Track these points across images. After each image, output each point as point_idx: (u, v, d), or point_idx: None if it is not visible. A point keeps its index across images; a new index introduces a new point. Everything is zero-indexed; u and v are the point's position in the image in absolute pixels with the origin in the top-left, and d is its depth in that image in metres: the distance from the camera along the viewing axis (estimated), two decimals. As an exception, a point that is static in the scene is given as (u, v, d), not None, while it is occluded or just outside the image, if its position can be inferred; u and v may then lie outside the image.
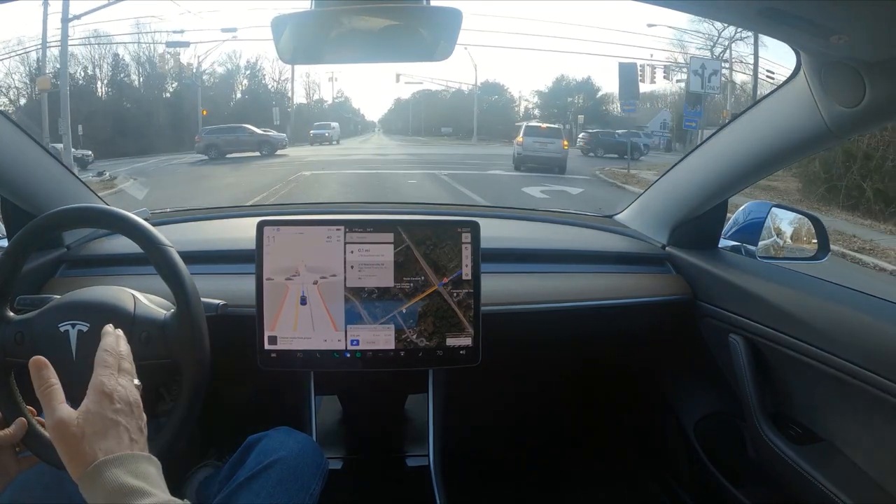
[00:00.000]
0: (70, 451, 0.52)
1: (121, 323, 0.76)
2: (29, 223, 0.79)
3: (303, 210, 1.52)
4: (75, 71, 19.62)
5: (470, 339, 1.01)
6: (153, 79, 22.49)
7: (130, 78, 22.15)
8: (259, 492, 0.79)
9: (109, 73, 21.49)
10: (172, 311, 0.79)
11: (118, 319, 0.76)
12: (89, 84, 20.82)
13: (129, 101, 21.68)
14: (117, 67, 21.47)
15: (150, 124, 20.28)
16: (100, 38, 20.36)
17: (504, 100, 31.11)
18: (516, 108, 30.71)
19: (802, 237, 1.23)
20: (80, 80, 19.99)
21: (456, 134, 28.73)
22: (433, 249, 1.00)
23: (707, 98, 14.62)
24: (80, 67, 20.17)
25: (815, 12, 0.63)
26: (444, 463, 1.09)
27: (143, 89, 22.38)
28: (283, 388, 1.16)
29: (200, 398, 0.77)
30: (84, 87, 20.20)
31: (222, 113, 22.51)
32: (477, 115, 26.82)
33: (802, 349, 0.94)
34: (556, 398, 1.61)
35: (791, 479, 0.95)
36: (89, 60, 20.70)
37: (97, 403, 0.55)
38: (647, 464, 1.51)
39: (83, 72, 20.39)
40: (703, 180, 1.15)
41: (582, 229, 1.46)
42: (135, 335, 0.76)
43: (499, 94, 30.78)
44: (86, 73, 20.66)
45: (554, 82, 29.70)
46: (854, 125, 0.80)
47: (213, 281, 1.07)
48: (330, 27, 0.76)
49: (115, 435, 0.54)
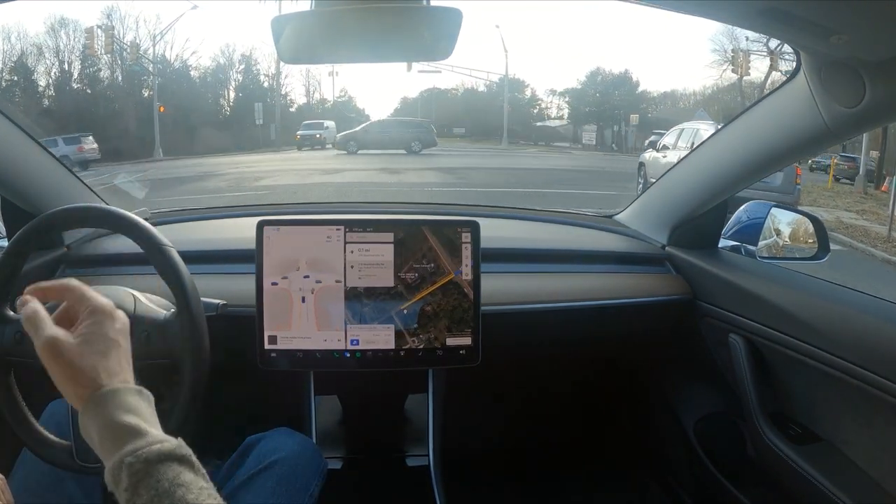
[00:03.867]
0: (67, 372, 0.49)
1: None
2: (29, 223, 0.79)
3: (303, 210, 1.52)
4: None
5: (470, 338, 1.01)
6: (82, 64, 17.66)
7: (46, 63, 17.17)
8: (259, 492, 0.79)
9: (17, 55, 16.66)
10: (172, 311, 0.79)
11: None
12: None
13: (49, 94, 17.00)
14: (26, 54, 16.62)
15: (85, 126, 14.81)
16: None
17: (524, 98, 27.79)
18: (546, 109, 27.72)
19: (802, 237, 1.23)
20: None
21: (471, 135, 26.07)
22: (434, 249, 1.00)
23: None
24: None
25: (815, 12, 0.63)
26: (444, 463, 1.09)
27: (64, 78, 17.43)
28: (282, 388, 1.16)
29: (200, 398, 0.77)
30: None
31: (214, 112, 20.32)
32: (506, 112, 23.14)
33: (802, 349, 0.94)
34: (555, 398, 1.61)
35: (791, 479, 0.95)
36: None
37: (98, 323, 0.52)
38: (647, 464, 1.51)
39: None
40: (703, 180, 1.16)
41: (582, 229, 1.46)
42: (135, 334, 0.76)
43: (518, 91, 27.51)
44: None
45: (588, 76, 26.29)
46: (854, 125, 0.80)
47: (213, 281, 1.07)
48: (330, 27, 0.76)
49: (117, 357, 0.52)
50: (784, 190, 6.86)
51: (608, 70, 26.13)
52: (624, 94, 25.24)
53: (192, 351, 0.76)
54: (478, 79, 29.18)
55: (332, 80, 32.86)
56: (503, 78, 24.88)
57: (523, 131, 24.72)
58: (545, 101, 28.13)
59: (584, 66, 37.76)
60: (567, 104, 27.32)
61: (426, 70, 20.67)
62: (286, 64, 15.44)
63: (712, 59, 22.86)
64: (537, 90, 28.87)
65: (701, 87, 22.78)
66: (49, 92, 18.21)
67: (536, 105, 28.31)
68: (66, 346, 0.50)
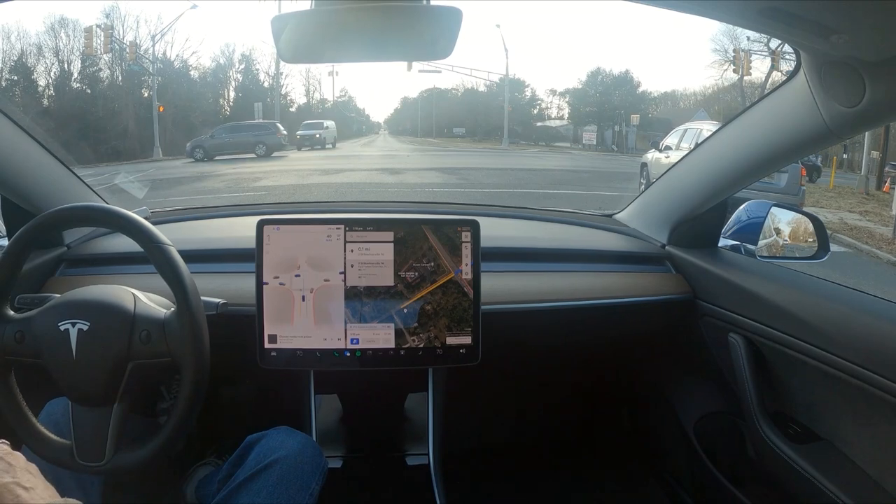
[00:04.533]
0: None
1: (121, 323, 0.76)
2: (30, 221, 0.79)
3: (303, 209, 1.52)
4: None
5: (470, 337, 1.01)
6: (82, 64, 17.49)
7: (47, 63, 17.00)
8: (259, 491, 0.79)
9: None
10: (172, 310, 0.79)
11: (118, 318, 0.77)
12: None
13: (49, 96, 16.77)
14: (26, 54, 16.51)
15: (84, 126, 15.51)
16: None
17: (525, 98, 27.75)
18: (546, 109, 27.55)
19: (802, 236, 1.23)
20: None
21: (472, 135, 26.16)
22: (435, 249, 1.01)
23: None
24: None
25: (815, 12, 0.63)
26: (444, 462, 1.09)
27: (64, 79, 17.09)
28: (282, 387, 1.16)
29: (200, 397, 0.77)
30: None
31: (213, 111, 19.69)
32: (504, 112, 22.77)
33: (802, 348, 0.94)
34: (555, 397, 1.61)
35: (790, 479, 0.96)
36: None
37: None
38: (646, 463, 1.51)
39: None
40: (703, 179, 1.15)
41: (582, 228, 1.46)
42: (135, 334, 0.76)
43: (518, 92, 27.52)
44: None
45: (588, 76, 26.28)
46: (854, 125, 0.80)
47: (213, 280, 1.07)
48: (330, 26, 0.76)
49: (9, 498, 0.50)
50: (789, 191, 6.79)
51: (608, 70, 26.11)
52: (624, 94, 25.17)
53: (193, 349, 0.76)
54: (478, 78, 28.76)
55: (332, 80, 32.47)
56: (504, 78, 24.70)
57: (524, 131, 24.53)
58: (545, 102, 28.06)
59: (584, 66, 37.74)
60: (567, 104, 27.23)
61: (426, 70, 20.51)
62: (287, 63, 15.06)
63: (713, 59, 22.69)
64: (538, 90, 28.71)
65: (701, 88, 22.82)
66: (49, 91, 17.99)
67: (537, 105, 28.21)
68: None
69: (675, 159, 1.54)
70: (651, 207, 1.37)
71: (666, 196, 1.31)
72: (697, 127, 8.42)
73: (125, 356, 0.76)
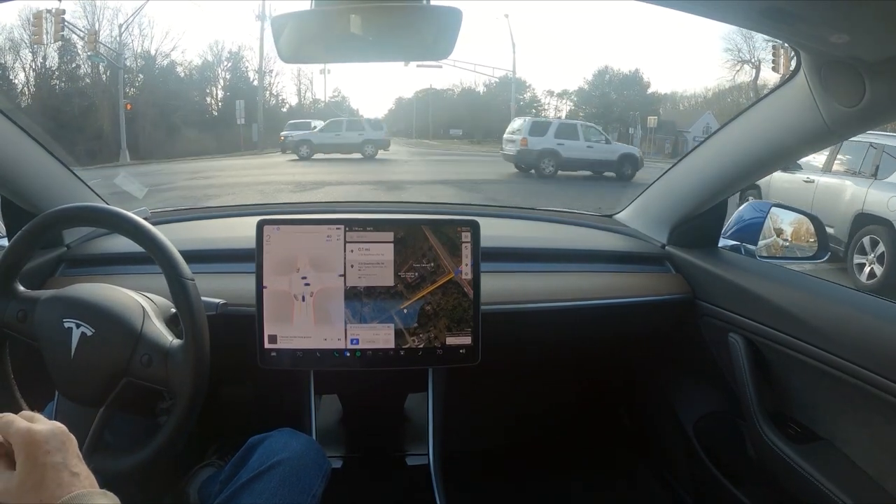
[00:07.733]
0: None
1: (125, 339, 0.75)
2: (30, 221, 0.79)
3: (303, 209, 1.52)
4: None
5: (470, 338, 1.01)
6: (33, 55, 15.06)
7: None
8: (262, 492, 0.79)
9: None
10: (179, 343, 0.77)
11: (123, 333, 0.76)
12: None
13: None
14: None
15: (60, 126, 13.40)
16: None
17: (525, 98, 26.80)
18: (546, 111, 26.40)
19: (802, 236, 1.23)
20: None
21: (469, 136, 25.00)
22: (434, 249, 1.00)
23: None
24: None
25: (815, 12, 0.63)
26: (444, 462, 1.09)
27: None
28: (283, 388, 1.16)
29: (186, 430, 0.76)
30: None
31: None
32: (513, 112, 20.89)
33: (802, 348, 0.94)
34: (555, 397, 1.61)
35: (790, 478, 0.96)
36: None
37: (31, 458, 0.49)
38: (646, 463, 1.51)
39: None
40: (703, 179, 1.16)
41: (582, 228, 1.46)
42: (137, 354, 0.75)
43: (519, 93, 26.27)
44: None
45: (595, 76, 25.48)
46: (854, 124, 0.80)
47: (213, 280, 1.07)
48: (330, 26, 0.76)
49: (56, 479, 0.49)
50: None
51: (616, 69, 25.42)
52: (632, 95, 24.49)
53: (192, 386, 0.74)
54: (481, 74, 27.81)
55: (324, 79, 31.30)
56: (508, 75, 23.61)
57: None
58: (545, 103, 27.45)
59: (585, 67, 37.39)
60: (572, 103, 26.60)
61: (425, 65, 18.67)
62: (286, 63, 14.04)
63: (725, 58, 22.16)
64: (538, 91, 28.26)
65: (703, 89, 22.22)
66: (24, 88, 16.20)
67: (537, 106, 27.58)
68: (4, 494, 0.48)
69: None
70: (651, 207, 1.37)
71: (666, 196, 1.31)
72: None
73: (121, 371, 0.75)
